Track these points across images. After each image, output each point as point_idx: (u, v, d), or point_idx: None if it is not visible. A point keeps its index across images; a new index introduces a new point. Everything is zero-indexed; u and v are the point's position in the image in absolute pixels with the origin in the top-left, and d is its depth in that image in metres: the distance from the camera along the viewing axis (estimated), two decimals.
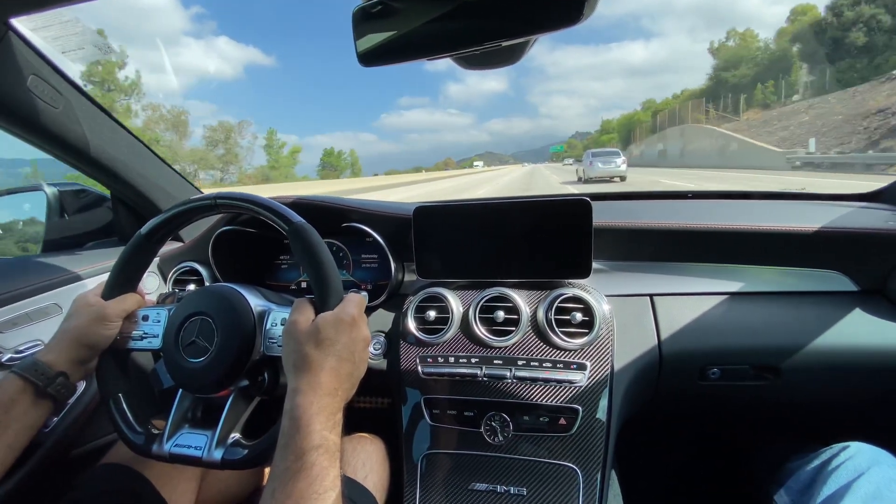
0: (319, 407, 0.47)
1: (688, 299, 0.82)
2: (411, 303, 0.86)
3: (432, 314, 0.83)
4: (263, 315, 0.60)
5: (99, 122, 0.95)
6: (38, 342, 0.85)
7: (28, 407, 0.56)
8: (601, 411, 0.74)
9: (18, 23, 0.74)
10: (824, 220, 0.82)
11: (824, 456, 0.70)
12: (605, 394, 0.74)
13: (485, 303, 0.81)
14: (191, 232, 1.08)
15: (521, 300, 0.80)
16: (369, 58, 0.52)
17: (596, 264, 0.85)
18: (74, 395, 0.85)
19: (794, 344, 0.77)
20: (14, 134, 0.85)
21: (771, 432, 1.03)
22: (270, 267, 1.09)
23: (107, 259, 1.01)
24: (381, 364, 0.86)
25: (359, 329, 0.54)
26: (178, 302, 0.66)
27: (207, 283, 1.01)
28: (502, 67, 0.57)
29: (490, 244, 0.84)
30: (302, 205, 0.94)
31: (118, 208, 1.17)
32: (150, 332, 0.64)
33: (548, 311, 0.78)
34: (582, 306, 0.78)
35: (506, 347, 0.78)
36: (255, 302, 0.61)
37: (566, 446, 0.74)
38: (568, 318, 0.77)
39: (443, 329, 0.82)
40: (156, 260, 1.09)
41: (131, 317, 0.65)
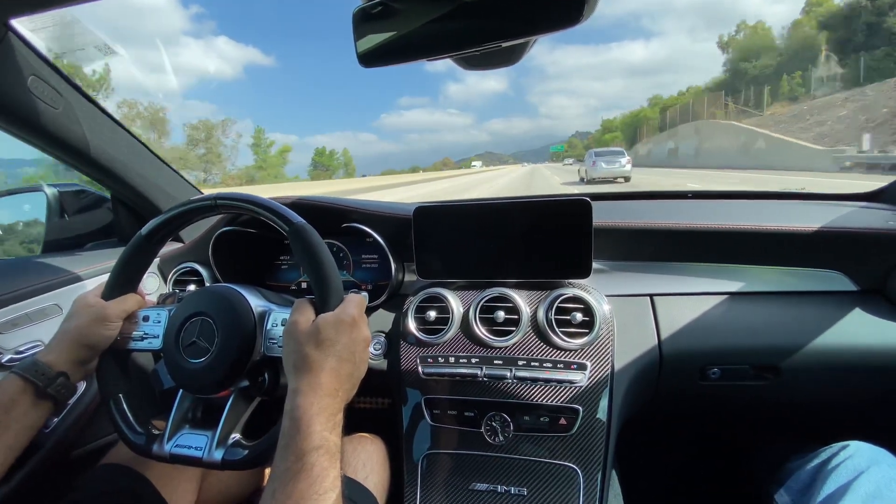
0: (320, 407, 0.47)
1: (688, 299, 0.83)
2: (411, 303, 0.86)
3: (432, 314, 0.83)
4: (264, 315, 0.60)
5: (99, 122, 0.96)
6: (39, 343, 0.85)
7: (28, 407, 0.56)
8: (601, 411, 0.74)
9: (18, 23, 0.74)
10: (824, 219, 0.82)
11: (824, 455, 0.70)
12: (606, 394, 0.74)
13: (485, 303, 0.81)
14: (191, 232, 1.07)
15: (522, 300, 0.80)
16: (369, 58, 0.52)
17: (596, 264, 0.85)
18: (75, 396, 0.85)
19: (794, 344, 0.77)
20: (14, 134, 0.85)
21: (771, 432, 1.03)
22: (271, 267, 1.09)
23: (107, 260, 1.01)
24: (382, 364, 0.86)
25: (359, 329, 0.54)
26: (178, 302, 0.66)
27: (208, 284, 1.01)
28: (502, 68, 0.57)
29: (490, 244, 0.84)
30: (302, 205, 0.94)
31: (118, 209, 1.17)
32: (151, 333, 0.64)
33: (548, 311, 0.78)
34: (582, 306, 0.78)
35: (506, 347, 0.78)
36: (256, 302, 0.61)
37: (566, 446, 0.74)
38: (568, 318, 0.77)
39: (443, 329, 0.82)
40: (156, 260, 1.09)
41: (132, 317, 0.65)
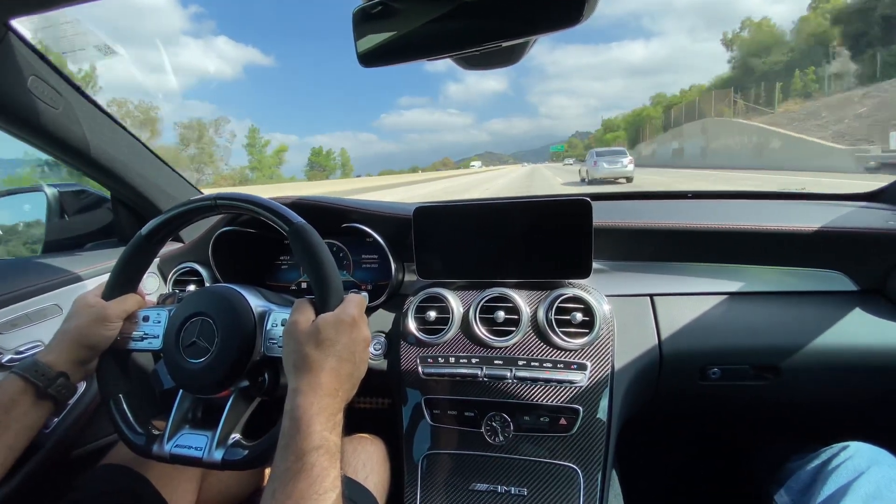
0: (320, 407, 0.47)
1: (688, 299, 0.83)
2: (411, 303, 0.86)
3: (432, 314, 0.83)
4: (264, 316, 0.60)
5: (99, 122, 0.96)
6: (39, 343, 0.85)
7: (28, 408, 0.56)
8: (602, 411, 0.74)
9: (18, 24, 0.74)
10: (824, 219, 0.82)
11: (824, 456, 0.70)
12: (606, 394, 0.74)
13: (485, 303, 0.81)
14: (191, 233, 1.07)
15: (522, 300, 0.80)
16: (369, 58, 0.52)
17: (596, 264, 0.85)
18: (75, 396, 0.85)
19: (794, 344, 0.77)
20: (14, 135, 0.85)
21: (771, 432, 1.03)
22: (271, 267, 1.09)
23: (107, 260, 1.01)
24: (382, 364, 0.86)
25: (359, 329, 0.54)
26: (178, 303, 0.66)
27: (208, 284, 1.01)
28: (502, 68, 0.57)
29: (490, 244, 0.84)
30: (302, 205, 0.94)
31: (118, 209, 1.17)
32: (151, 333, 0.64)
33: (548, 311, 0.78)
34: (582, 306, 0.78)
35: (506, 348, 0.78)
36: (256, 302, 0.61)
37: (567, 446, 0.74)
38: (568, 318, 0.77)
39: (443, 329, 0.82)
40: (156, 261, 1.09)
41: (132, 317, 0.65)
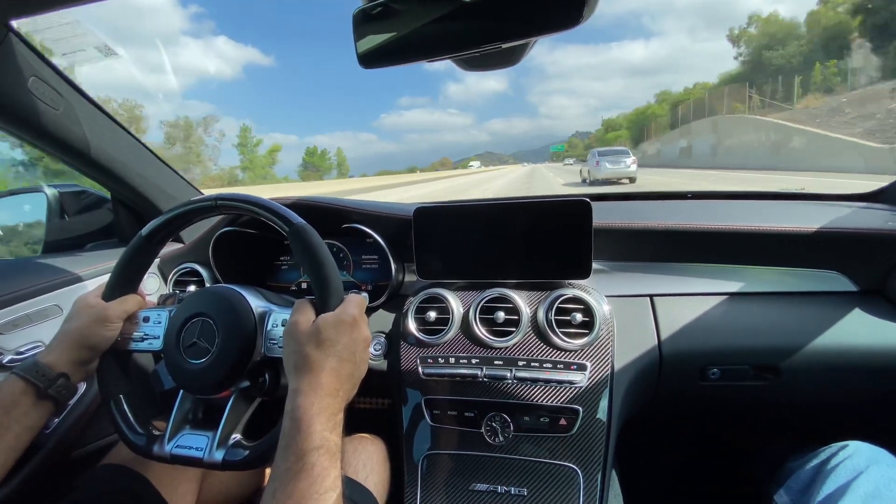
0: (320, 408, 0.48)
1: (688, 300, 0.83)
2: (412, 303, 0.86)
3: (433, 315, 0.83)
4: (264, 316, 0.60)
5: (99, 123, 0.96)
6: (39, 343, 0.85)
7: (29, 408, 0.56)
8: (601, 412, 0.74)
9: (19, 25, 0.74)
10: (824, 220, 0.82)
11: (823, 455, 0.70)
12: (606, 394, 0.74)
13: (485, 303, 0.82)
14: (191, 233, 1.08)
15: (522, 301, 0.80)
16: (370, 59, 0.52)
17: (596, 265, 0.85)
18: (75, 397, 0.85)
19: (793, 344, 0.77)
20: (14, 135, 0.85)
21: (771, 432, 1.03)
22: (271, 268, 1.09)
23: (107, 260, 1.01)
24: (382, 365, 0.86)
25: (359, 330, 0.55)
26: (178, 303, 0.66)
27: (208, 285, 1.01)
28: (502, 69, 0.57)
29: (490, 245, 0.84)
30: (302, 206, 0.94)
31: (118, 209, 1.17)
32: (151, 334, 0.64)
33: (548, 311, 0.78)
34: (582, 307, 0.78)
35: (506, 348, 0.78)
36: (256, 303, 0.61)
37: (567, 447, 0.74)
38: (568, 318, 0.77)
39: (443, 330, 0.82)
40: (156, 261, 1.09)
41: (132, 318, 0.65)
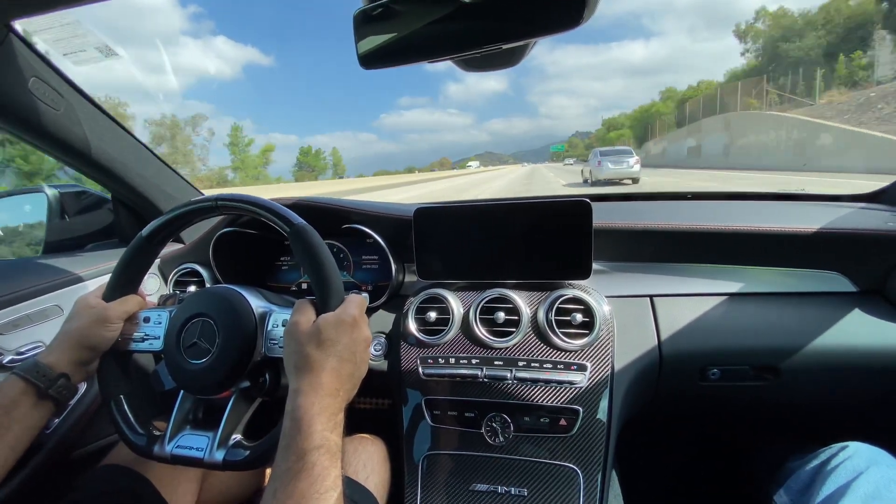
0: (321, 408, 0.48)
1: (688, 300, 0.83)
2: (412, 304, 0.86)
3: (433, 315, 0.83)
4: (264, 316, 0.60)
5: (99, 123, 0.96)
6: (40, 344, 0.85)
7: (29, 408, 0.56)
8: (601, 412, 0.74)
9: (19, 25, 0.74)
10: (824, 220, 0.82)
11: (823, 456, 0.70)
12: (606, 394, 0.74)
13: (485, 304, 0.82)
14: (192, 233, 1.08)
15: (522, 301, 0.80)
16: (370, 60, 0.52)
17: (596, 265, 0.86)
18: (76, 397, 0.85)
19: (793, 344, 0.77)
20: (15, 136, 0.85)
21: (771, 432, 1.03)
22: (271, 268, 1.09)
23: (108, 261, 1.01)
24: (382, 365, 0.87)
25: (360, 330, 0.55)
26: (179, 303, 0.66)
27: (208, 285, 1.01)
28: (502, 69, 0.58)
29: (490, 245, 0.84)
30: (302, 206, 0.95)
31: (119, 210, 1.17)
32: (152, 334, 0.64)
33: (548, 312, 0.78)
34: (582, 307, 0.78)
35: (506, 348, 0.78)
36: (257, 303, 0.61)
37: (567, 447, 0.74)
38: (568, 318, 0.77)
39: (443, 330, 0.82)
40: (157, 261, 1.09)
41: (132, 318, 0.65)
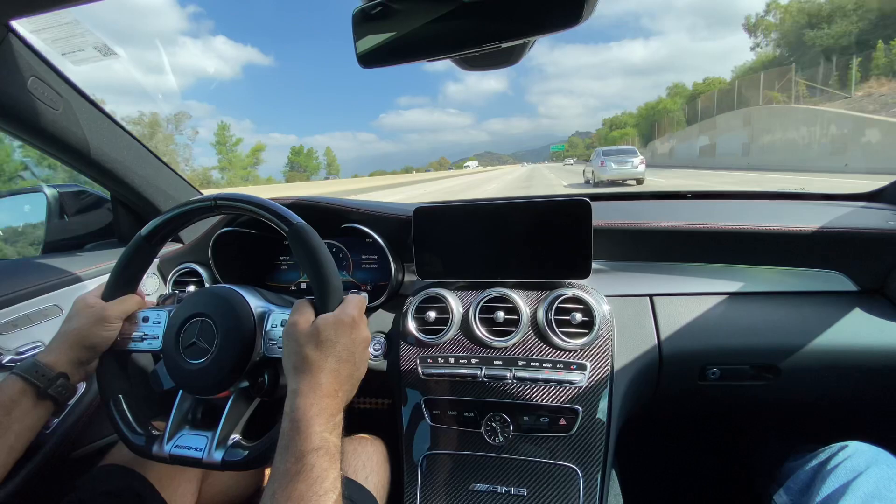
0: (320, 408, 0.48)
1: (687, 299, 0.83)
2: (411, 303, 0.86)
3: (432, 315, 0.83)
4: (263, 316, 0.60)
5: (98, 123, 0.96)
6: (39, 343, 0.85)
7: (29, 408, 0.56)
8: (601, 411, 0.74)
9: (18, 25, 0.74)
10: (824, 219, 0.82)
11: (823, 456, 0.70)
12: (605, 394, 0.74)
13: (485, 303, 0.81)
14: (191, 233, 1.08)
15: (521, 301, 0.80)
16: (369, 59, 0.52)
17: (596, 264, 0.85)
18: (75, 397, 0.85)
19: (793, 344, 0.77)
20: (14, 136, 0.85)
21: (770, 432, 1.03)
22: (270, 268, 1.09)
23: (107, 260, 1.01)
24: (382, 365, 0.86)
25: (359, 330, 0.55)
26: (178, 303, 0.66)
27: (207, 285, 1.01)
28: (502, 68, 0.57)
29: (490, 245, 0.84)
30: (302, 206, 0.94)
31: (118, 209, 1.17)
32: (151, 334, 0.64)
33: (548, 311, 0.78)
34: (582, 307, 0.78)
35: (506, 348, 0.78)
36: (255, 303, 0.61)
37: (566, 446, 0.74)
38: (568, 318, 0.77)
39: (443, 330, 0.82)
40: (156, 261, 1.09)
41: (131, 318, 0.65)
